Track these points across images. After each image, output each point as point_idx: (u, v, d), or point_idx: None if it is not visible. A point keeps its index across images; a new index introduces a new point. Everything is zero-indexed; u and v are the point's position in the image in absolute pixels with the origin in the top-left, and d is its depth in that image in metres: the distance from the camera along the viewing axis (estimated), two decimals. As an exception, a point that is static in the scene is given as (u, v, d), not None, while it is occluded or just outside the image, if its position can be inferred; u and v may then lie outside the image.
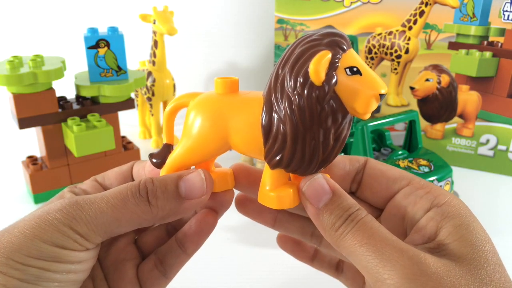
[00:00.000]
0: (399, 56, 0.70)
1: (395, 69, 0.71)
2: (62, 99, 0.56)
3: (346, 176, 0.27)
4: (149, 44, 0.69)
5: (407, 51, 0.69)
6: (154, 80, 0.68)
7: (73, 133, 0.51)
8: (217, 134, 0.24)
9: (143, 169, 0.28)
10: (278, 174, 0.24)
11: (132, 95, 0.60)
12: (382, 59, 0.71)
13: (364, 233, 0.21)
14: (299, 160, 0.22)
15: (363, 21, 0.69)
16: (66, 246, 0.22)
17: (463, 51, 0.65)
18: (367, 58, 0.72)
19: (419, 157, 0.54)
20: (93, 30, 0.55)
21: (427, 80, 0.67)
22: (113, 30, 0.55)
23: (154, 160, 0.27)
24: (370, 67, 0.72)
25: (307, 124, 0.21)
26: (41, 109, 0.52)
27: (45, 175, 0.55)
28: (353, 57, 0.21)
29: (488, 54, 0.63)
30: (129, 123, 0.80)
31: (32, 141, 0.59)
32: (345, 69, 0.21)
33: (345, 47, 0.21)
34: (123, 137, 0.62)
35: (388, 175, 0.26)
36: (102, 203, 0.23)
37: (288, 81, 0.21)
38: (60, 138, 0.54)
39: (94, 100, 0.57)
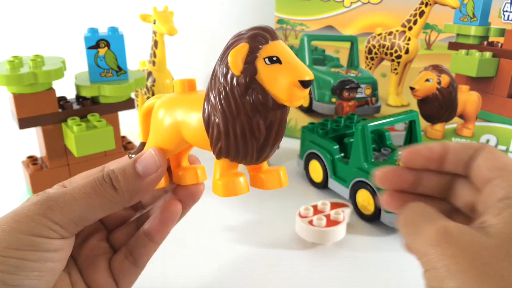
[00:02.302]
0: (399, 56, 0.70)
1: (395, 69, 0.71)
2: (62, 99, 0.56)
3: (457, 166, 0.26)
4: (149, 44, 0.69)
5: (407, 51, 0.69)
6: (154, 80, 0.68)
7: (73, 133, 0.51)
8: (171, 129, 0.26)
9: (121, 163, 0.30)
10: (225, 163, 0.25)
11: (132, 95, 0.60)
12: (382, 59, 0.71)
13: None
14: (234, 149, 0.23)
15: (363, 21, 0.69)
16: (42, 234, 0.24)
17: (463, 51, 0.65)
18: (367, 58, 0.72)
19: None
20: (93, 30, 0.55)
21: (427, 80, 0.67)
22: (113, 30, 0.55)
23: (131, 157, 0.29)
24: (370, 68, 0.72)
25: (234, 113, 0.23)
26: (41, 109, 0.52)
27: (45, 175, 0.55)
28: (275, 48, 0.22)
29: (488, 54, 0.63)
30: (129, 123, 0.80)
31: (32, 141, 0.59)
32: (264, 58, 0.22)
33: (267, 39, 0.22)
34: (123, 137, 0.62)
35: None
36: (74, 192, 0.25)
37: (217, 73, 0.23)
38: (60, 138, 0.54)
39: (94, 100, 0.57)
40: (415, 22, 0.67)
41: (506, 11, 0.61)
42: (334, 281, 0.44)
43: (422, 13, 0.66)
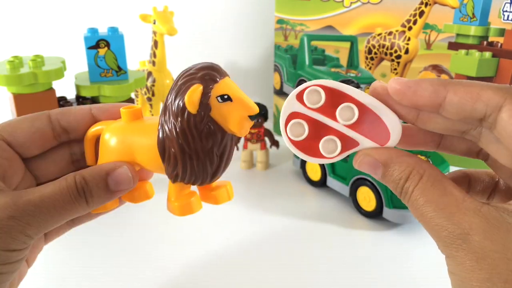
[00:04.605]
0: (399, 56, 0.70)
1: (395, 69, 0.71)
2: (62, 99, 0.56)
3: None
4: (149, 44, 0.69)
5: (407, 51, 0.69)
6: (154, 80, 0.68)
7: (73, 133, 0.51)
8: (126, 157, 0.27)
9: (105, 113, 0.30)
10: (179, 186, 0.27)
11: (132, 95, 0.60)
12: (382, 59, 0.72)
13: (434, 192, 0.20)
14: (190, 175, 0.26)
15: (363, 21, 0.69)
16: (17, 248, 0.24)
17: (463, 51, 0.65)
18: (367, 58, 0.72)
19: (416, 153, 0.55)
20: (93, 30, 0.55)
21: (427, 80, 0.67)
22: (113, 30, 0.55)
23: None
24: (370, 68, 0.72)
25: (191, 146, 0.25)
26: (41, 109, 0.51)
27: (45, 175, 0.55)
28: (225, 86, 0.25)
29: (487, 54, 0.63)
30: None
31: (32, 141, 0.59)
32: (216, 97, 0.25)
33: (217, 79, 0.25)
34: (123, 137, 0.62)
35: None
36: (50, 208, 0.24)
37: (172, 110, 0.25)
38: (60, 138, 0.54)
39: (94, 100, 0.57)
40: (415, 22, 0.67)
41: (506, 11, 0.61)
42: (337, 276, 0.44)
43: (422, 13, 0.66)
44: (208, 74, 0.25)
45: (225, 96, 0.25)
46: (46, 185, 0.25)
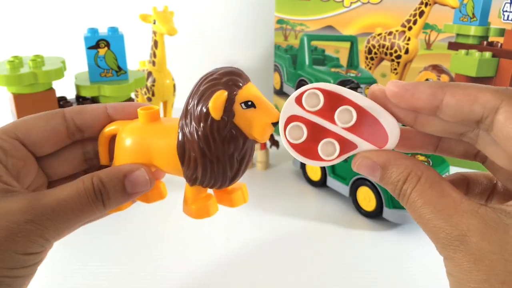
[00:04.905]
0: (399, 56, 0.70)
1: (395, 69, 0.71)
2: (62, 99, 0.56)
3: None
4: (149, 44, 0.69)
5: (406, 51, 0.69)
6: (154, 80, 0.68)
7: (73, 133, 0.51)
8: (143, 158, 0.27)
9: (121, 112, 0.29)
10: (197, 189, 0.27)
11: (132, 95, 0.60)
12: (382, 59, 0.72)
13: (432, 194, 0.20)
14: (210, 179, 0.26)
15: (363, 21, 0.69)
16: (34, 251, 0.24)
17: (463, 51, 0.65)
18: (367, 58, 0.72)
19: (417, 154, 0.55)
20: (93, 30, 0.55)
21: (427, 80, 0.67)
22: (113, 30, 0.55)
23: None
24: (370, 68, 0.72)
25: (212, 150, 0.25)
26: (41, 109, 0.51)
27: (45, 175, 0.55)
28: (249, 92, 0.25)
29: (487, 54, 0.63)
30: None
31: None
32: (240, 103, 0.24)
33: (240, 84, 0.25)
34: (123, 137, 0.62)
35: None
36: (68, 211, 0.24)
37: (194, 114, 0.25)
38: (60, 138, 0.54)
39: (94, 100, 0.57)
40: (414, 22, 0.67)
41: (506, 11, 0.61)
42: (337, 276, 0.44)
43: (422, 13, 0.66)
44: (231, 80, 0.25)
45: (249, 103, 0.24)
46: (63, 187, 0.25)
